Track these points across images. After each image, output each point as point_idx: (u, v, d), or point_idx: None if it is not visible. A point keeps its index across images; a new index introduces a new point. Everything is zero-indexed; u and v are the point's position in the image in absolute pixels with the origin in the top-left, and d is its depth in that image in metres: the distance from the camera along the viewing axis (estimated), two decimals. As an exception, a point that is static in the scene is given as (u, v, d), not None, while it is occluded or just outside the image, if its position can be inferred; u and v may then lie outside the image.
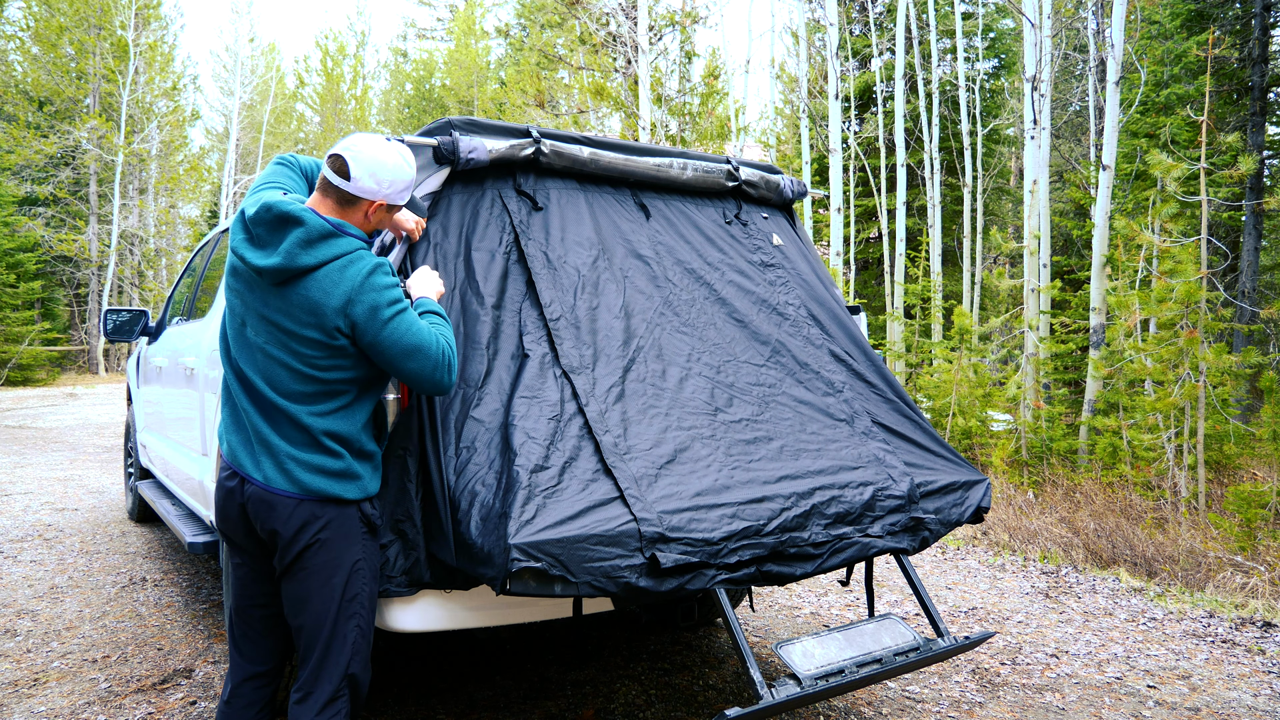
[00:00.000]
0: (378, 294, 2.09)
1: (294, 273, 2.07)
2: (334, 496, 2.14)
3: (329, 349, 2.10)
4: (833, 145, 13.84)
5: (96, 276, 26.27)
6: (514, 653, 3.85)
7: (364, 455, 2.21)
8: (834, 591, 4.91)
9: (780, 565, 2.41)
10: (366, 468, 2.21)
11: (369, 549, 2.21)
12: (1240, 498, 6.43)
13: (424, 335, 2.13)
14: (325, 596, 2.14)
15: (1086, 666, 3.85)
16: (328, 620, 2.14)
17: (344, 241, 2.12)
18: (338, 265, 2.09)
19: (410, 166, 2.22)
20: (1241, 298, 13.83)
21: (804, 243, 3.63)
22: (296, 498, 2.12)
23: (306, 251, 2.07)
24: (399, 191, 2.21)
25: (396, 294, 2.13)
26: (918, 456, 2.99)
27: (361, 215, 2.19)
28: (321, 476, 2.13)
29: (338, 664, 2.14)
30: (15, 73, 26.08)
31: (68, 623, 4.21)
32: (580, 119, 15.18)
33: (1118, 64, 9.69)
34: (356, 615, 2.16)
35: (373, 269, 2.11)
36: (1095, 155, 16.40)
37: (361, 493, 2.18)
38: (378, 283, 2.10)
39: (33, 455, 9.88)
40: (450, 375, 2.18)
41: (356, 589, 2.17)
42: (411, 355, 2.11)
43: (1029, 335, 10.92)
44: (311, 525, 2.12)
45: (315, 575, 2.14)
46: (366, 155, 2.15)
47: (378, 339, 2.09)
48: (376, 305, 2.08)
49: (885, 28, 19.70)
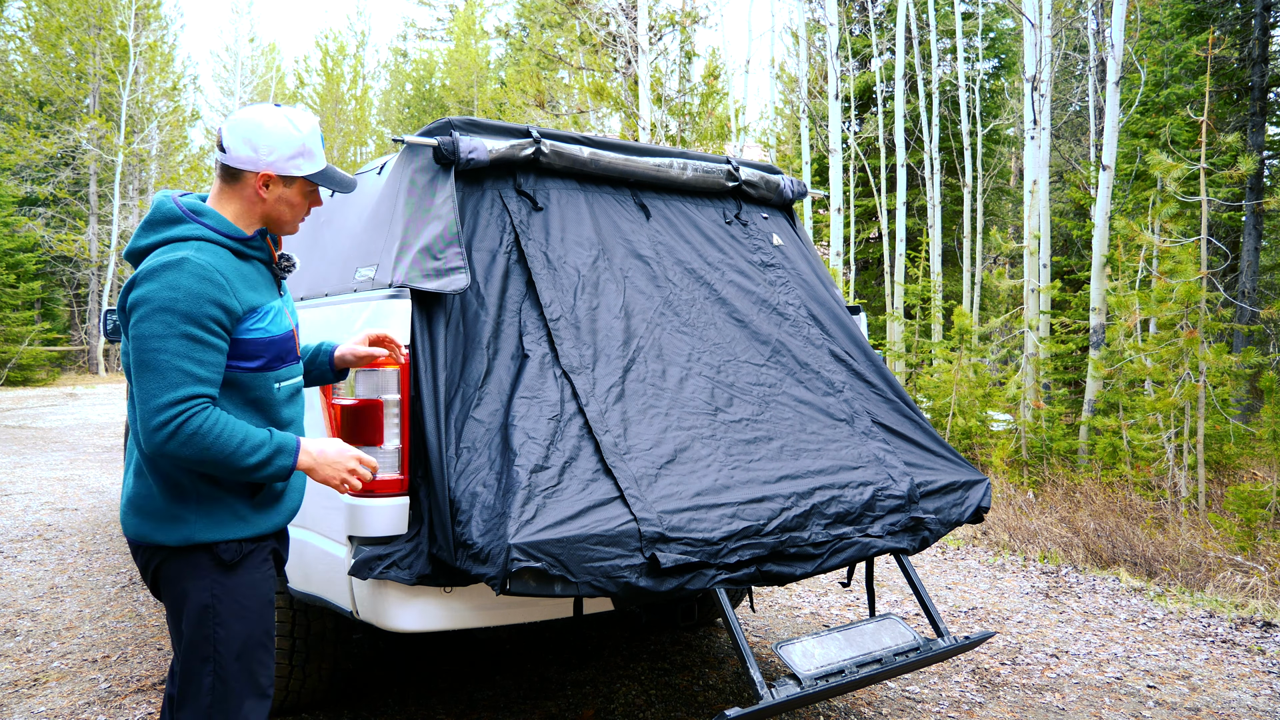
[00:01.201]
0: (160, 289, 1.71)
1: (137, 255, 1.84)
2: (152, 543, 1.83)
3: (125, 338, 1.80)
4: (833, 145, 13.84)
5: (96, 276, 26.27)
6: (514, 653, 3.85)
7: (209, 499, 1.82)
8: (834, 591, 4.91)
9: (780, 565, 2.41)
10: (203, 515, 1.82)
11: (225, 587, 1.84)
12: (1240, 498, 6.43)
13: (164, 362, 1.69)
14: (177, 635, 1.88)
15: (1086, 666, 3.85)
16: (180, 660, 1.87)
17: (184, 227, 1.82)
18: (158, 251, 1.79)
19: (298, 129, 1.89)
20: (1241, 298, 13.83)
21: (804, 243, 3.63)
22: None
23: (143, 235, 1.84)
24: (285, 159, 1.87)
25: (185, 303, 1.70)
26: (918, 456, 2.99)
27: (251, 193, 1.88)
28: (141, 518, 1.83)
29: (194, 712, 1.83)
30: (15, 73, 26.07)
31: (68, 623, 4.20)
32: (580, 119, 15.18)
33: (1118, 64, 9.69)
34: (211, 660, 1.83)
35: (177, 261, 1.73)
36: (1095, 155, 16.40)
37: (182, 540, 1.81)
38: (168, 278, 1.71)
39: (33, 455, 9.88)
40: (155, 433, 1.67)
41: (209, 633, 1.83)
42: (141, 374, 1.70)
43: (1029, 335, 10.92)
44: (146, 560, 1.88)
45: (168, 610, 1.89)
46: (242, 121, 1.87)
47: (130, 334, 1.73)
48: (148, 299, 1.71)
49: (885, 28, 19.70)
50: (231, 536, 1.85)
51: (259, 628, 1.90)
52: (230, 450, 1.72)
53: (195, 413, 1.70)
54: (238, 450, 1.73)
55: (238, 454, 1.73)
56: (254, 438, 1.76)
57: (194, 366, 1.71)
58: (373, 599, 2.42)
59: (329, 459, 1.87)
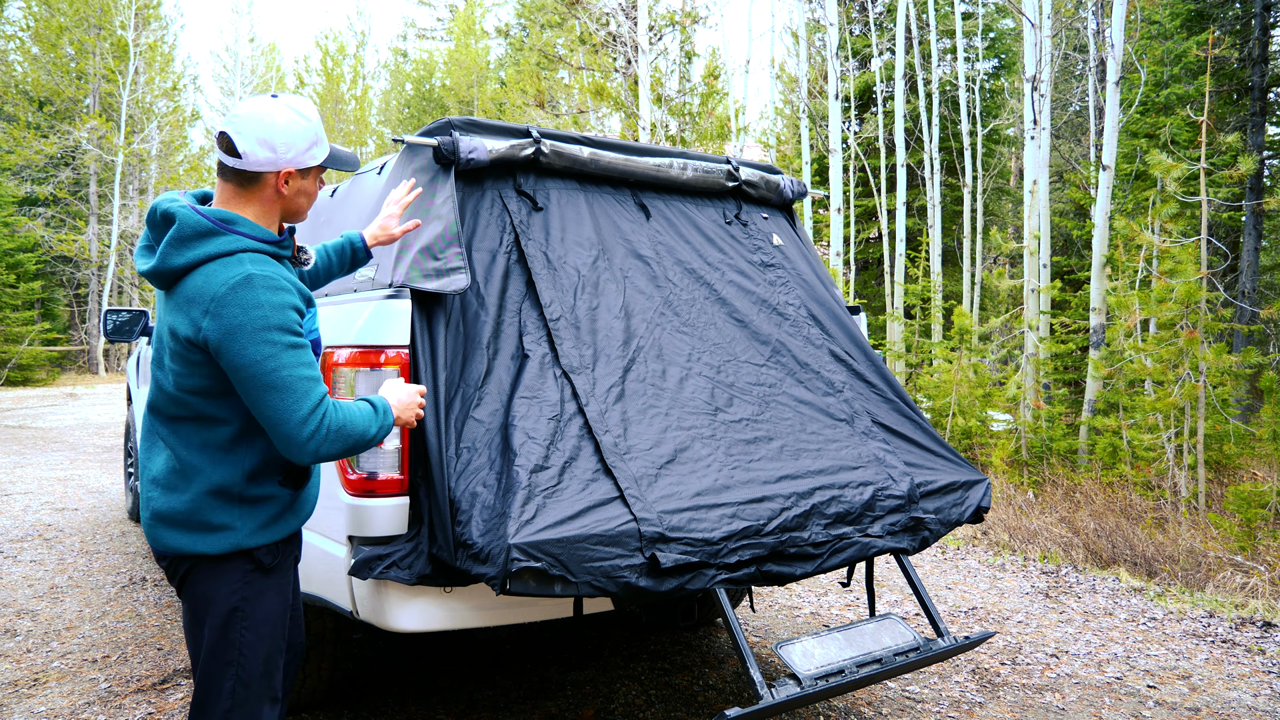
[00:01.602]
0: (244, 312, 1.73)
1: (170, 275, 1.80)
2: (192, 553, 1.85)
3: (186, 363, 1.80)
4: (833, 145, 13.84)
5: (96, 277, 26.27)
6: (514, 653, 3.85)
7: (251, 500, 1.88)
8: (834, 591, 4.91)
9: (780, 565, 2.41)
10: (248, 517, 1.87)
11: (258, 590, 1.89)
12: (1240, 498, 6.43)
13: (286, 379, 1.75)
14: (197, 639, 1.89)
15: (1086, 666, 3.85)
16: (199, 664, 1.88)
17: (222, 240, 1.80)
18: (212, 267, 1.78)
19: (306, 118, 1.89)
20: (1241, 298, 13.83)
21: (804, 243, 3.63)
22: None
23: (178, 251, 1.78)
24: (303, 151, 1.88)
25: (273, 317, 1.75)
26: (918, 456, 2.99)
27: (271, 193, 1.88)
28: (179, 531, 1.84)
29: (213, 716, 1.86)
30: (15, 73, 26.07)
31: (68, 623, 4.20)
32: (580, 119, 15.18)
33: (1118, 64, 9.69)
34: (234, 664, 1.86)
35: (244, 280, 1.75)
36: (1095, 155, 16.40)
37: (231, 546, 1.85)
38: (245, 298, 1.74)
39: (33, 455, 9.88)
40: (309, 442, 1.77)
41: (235, 636, 1.86)
42: (267, 395, 1.75)
43: (1029, 335, 10.92)
44: (177, 571, 1.89)
45: (189, 614, 1.90)
46: (251, 121, 1.82)
47: (233, 361, 1.74)
48: (241, 325, 1.73)
49: (885, 28, 19.70)
50: (277, 538, 1.92)
51: (280, 632, 1.94)
52: (359, 431, 1.86)
53: (327, 411, 1.81)
54: (365, 430, 1.87)
55: (366, 433, 1.87)
56: (365, 413, 1.89)
57: (308, 370, 1.80)
58: (373, 599, 2.42)
59: (404, 402, 2.02)
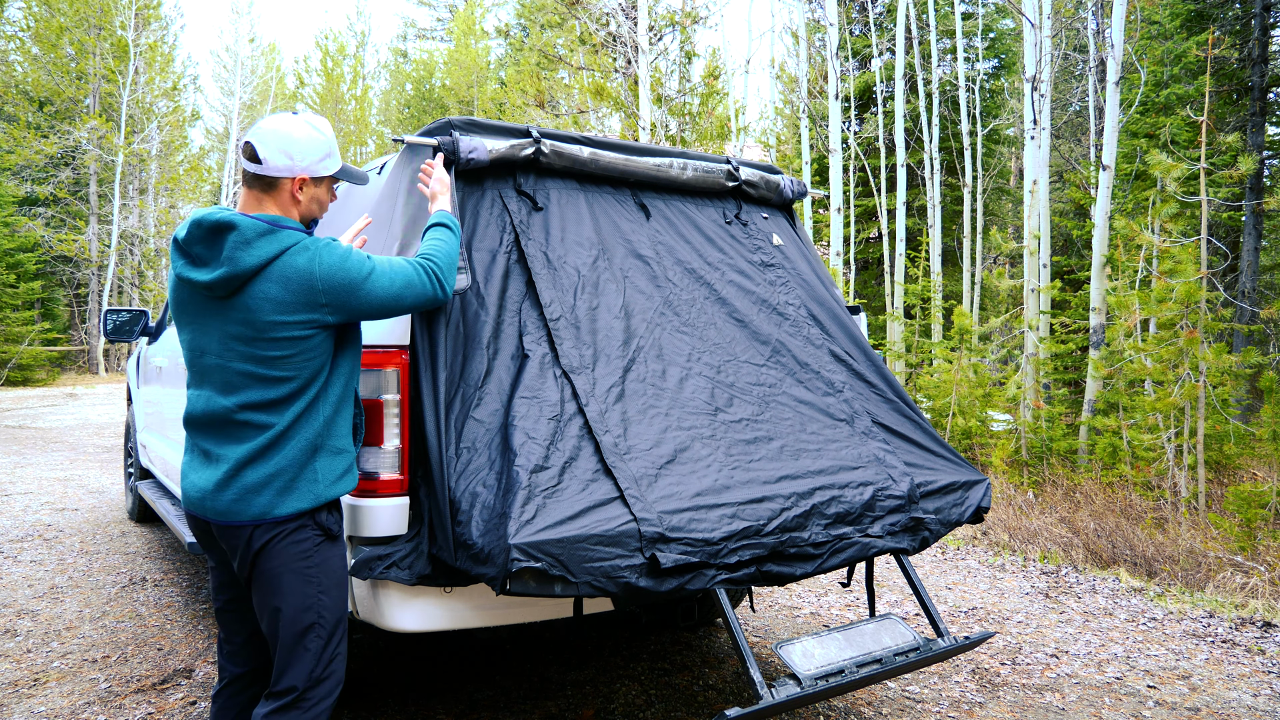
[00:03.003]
0: (343, 271, 2.04)
1: (242, 277, 1.98)
2: (279, 516, 2.04)
3: (291, 344, 2.01)
4: (833, 145, 13.84)
5: (96, 276, 26.27)
6: (514, 653, 3.85)
7: (332, 452, 2.11)
8: (834, 591, 4.91)
9: (780, 565, 2.41)
10: (328, 469, 2.11)
11: (327, 556, 2.11)
12: (1240, 498, 6.43)
13: (403, 272, 2.15)
14: (273, 609, 2.06)
15: (1086, 666, 3.85)
16: (282, 628, 2.06)
17: (284, 235, 2.03)
18: (287, 257, 2.01)
19: (322, 133, 2.16)
20: (1241, 298, 13.83)
21: (804, 243, 3.63)
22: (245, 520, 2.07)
23: (247, 251, 1.98)
24: (317, 161, 2.14)
25: (358, 258, 2.08)
26: (918, 456, 2.99)
27: (288, 197, 2.13)
28: (271, 494, 2.03)
29: (299, 673, 2.05)
30: (15, 73, 26.07)
31: (68, 623, 4.20)
32: (580, 119, 15.18)
33: (1118, 64, 9.69)
34: (316, 626, 2.07)
35: (322, 250, 2.04)
36: (1095, 155, 16.41)
37: (315, 501, 2.07)
38: (334, 262, 2.04)
39: (33, 455, 9.88)
40: (442, 288, 2.22)
41: (312, 601, 2.07)
42: (401, 297, 2.14)
43: (1029, 335, 10.92)
44: (259, 535, 2.05)
45: (270, 584, 2.06)
46: (271, 132, 2.09)
47: (364, 304, 2.08)
48: (349, 281, 2.05)
49: (885, 28, 19.70)
50: (347, 489, 2.16)
51: (344, 594, 2.16)
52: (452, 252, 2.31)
53: (432, 262, 2.24)
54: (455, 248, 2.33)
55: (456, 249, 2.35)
56: (449, 241, 2.34)
57: (396, 261, 2.17)
58: (373, 599, 2.42)
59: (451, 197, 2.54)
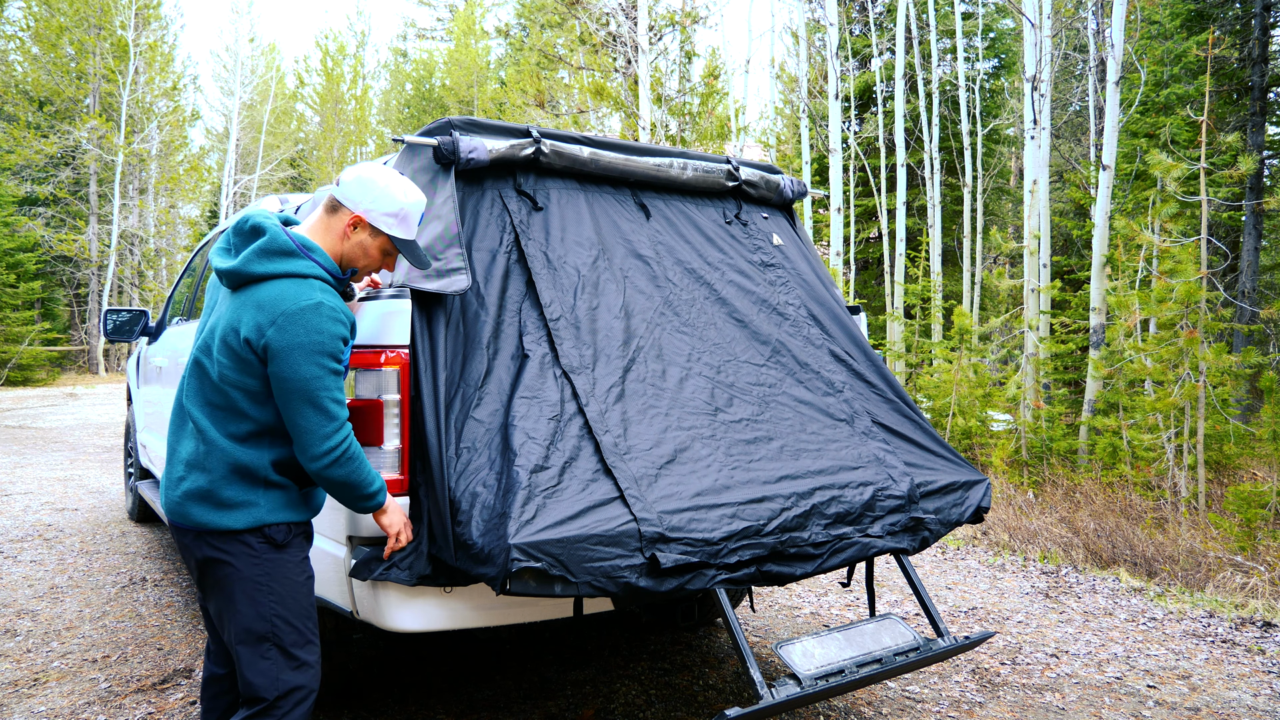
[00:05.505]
0: (307, 334, 1.98)
1: (245, 278, 2.04)
2: (219, 528, 2.04)
3: (237, 359, 2.02)
4: (833, 145, 13.84)
5: (96, 276, 26.27)
6: (514, 653, 3.85)
7: (265, 483, 2.09)
8: (834, 591, 4.91)
9: (780, 565, 2.41)
10: (269, 498, 2.10)
11: (280, 562, 2.10)
12: (1240, 498, 6.43)
13: (324, 399, 2.01)
14: (228, 613, 2.09)
15: (1086, 666, 3.85)
16: (239, 640, 2.08)
17: (301, 262, 2.06)
18: (287, 284, 2.03)
19: (404, 195, 2.17)
20: (1241, 298, 13.84)
21: (804, 243, 3.63)
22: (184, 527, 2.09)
23: (260, 261, 2.04)
24: (380, 211, 2.15)
25: (328, 334, 2.00)
26: (918, 456, 2.99)
27: (340, 229, 2.15)
28: (206, 506, 2.04)
29: (263, 684, 2.06)
30: (15, 73, 26.07)
31: (68, 623, 4.20)
32: (580, 119, 15.17)
33: (1118, 64, 9.69)
34: (270, 637, 2.08)
35: (315, 305, 2.00)
36: (1095, 155, 16.40)
37: (255, 523, 2.06)
38: (311, 322, 1.99)
39: (33, 455, 9.88)
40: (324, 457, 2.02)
41: (266, 610, 2.08)
42: (303, 408, 2.00)
43: (1029, 335, 10.92)
44: (203, 544, 2.07)
45: (219, 594, 2.10)
46: (365, 168, 2.19)
47: (281, 369, 1.98)
48: (294, 340, 1.97)
49: (885, 28, 19.70)
50: (294, 519, 2.14)
51: (306, 600, 2.16)
52: (364, 476, 2.11)
53: (349, 438, 2.07)
54: (370, 481, 2.13)
55: (368, 482, 2.12)
56: (374, 473, 2.15)
57: (341, 395, 2.06)
58: (372, 599, 2.42)
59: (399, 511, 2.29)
